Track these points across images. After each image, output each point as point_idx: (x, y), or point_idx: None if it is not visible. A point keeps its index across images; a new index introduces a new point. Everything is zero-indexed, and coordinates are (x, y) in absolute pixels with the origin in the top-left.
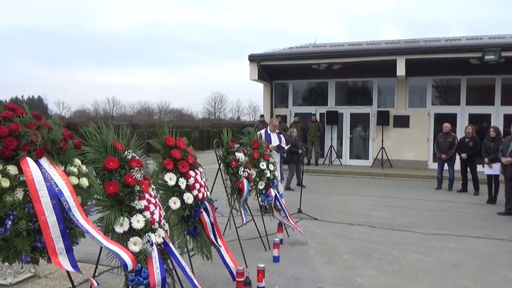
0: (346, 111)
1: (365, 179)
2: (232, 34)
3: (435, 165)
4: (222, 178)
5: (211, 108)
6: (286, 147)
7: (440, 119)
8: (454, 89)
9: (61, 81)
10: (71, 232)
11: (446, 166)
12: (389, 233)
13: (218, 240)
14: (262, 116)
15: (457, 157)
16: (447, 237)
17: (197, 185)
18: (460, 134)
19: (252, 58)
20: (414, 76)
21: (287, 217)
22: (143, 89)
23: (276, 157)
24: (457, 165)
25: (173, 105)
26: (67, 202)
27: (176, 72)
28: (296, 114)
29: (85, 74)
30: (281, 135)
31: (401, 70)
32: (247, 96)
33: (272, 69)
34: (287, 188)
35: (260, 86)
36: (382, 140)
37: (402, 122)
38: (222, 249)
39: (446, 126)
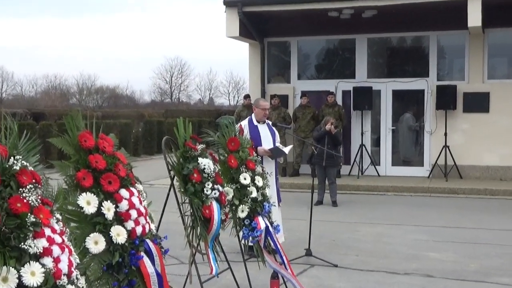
0: (386, 87)
1: (417, 198)
2: None
3: None
4: (177, 201)
5: (166, 86)
6: (287, 150)
7: None
8: None
9: None
10: None
11: None
12: (456, 286)
13: None
14: (247, 97)
15: None
16: None
17: (133, 213)
18: None
19: (230, 1)
20: (496, 28)
21: (285, 265)
22: (50, 56)
23: (268, 166)
24: None
25: (102, 80)
26: None
27: (104, 25)
28: (304, 94)
29: None
30: (275, 128)
31: (475, 17)
32: (225, 65)
33: (263, 20)
34: (319, 201)
35: (244, 47)
36: (446, 134)
37: (478, 103)
38: None
39: None
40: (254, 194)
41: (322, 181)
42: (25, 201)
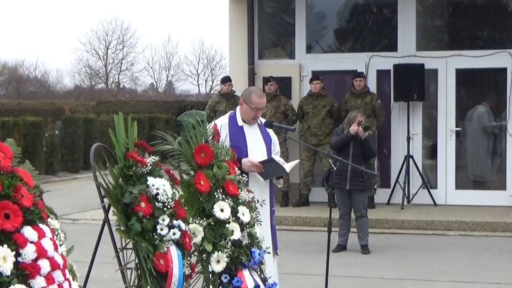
0: (447, 65)
1: (497, 240)
2: None
3: None
4: (114, 246)
5: (98, 63)
6: (289, 167)
7: None
8: None
9: None
10: None
11: None
12: None
13: None
14: (226, 80)
15: None
16: None
17: (45, 265)
18: None
19: None
20: None
21: None
22: None
23: (258, 190)
24: None
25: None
26: None
27: None
28: (316, 76)
29: None
30: (271, 130)
31: None
32: (191, 31)
33: None
34: (341, 246)
35: (222, 3)
36: None
37: None
38: None
39: None
40: (237, 235)
41: (345, 214)
42: None
